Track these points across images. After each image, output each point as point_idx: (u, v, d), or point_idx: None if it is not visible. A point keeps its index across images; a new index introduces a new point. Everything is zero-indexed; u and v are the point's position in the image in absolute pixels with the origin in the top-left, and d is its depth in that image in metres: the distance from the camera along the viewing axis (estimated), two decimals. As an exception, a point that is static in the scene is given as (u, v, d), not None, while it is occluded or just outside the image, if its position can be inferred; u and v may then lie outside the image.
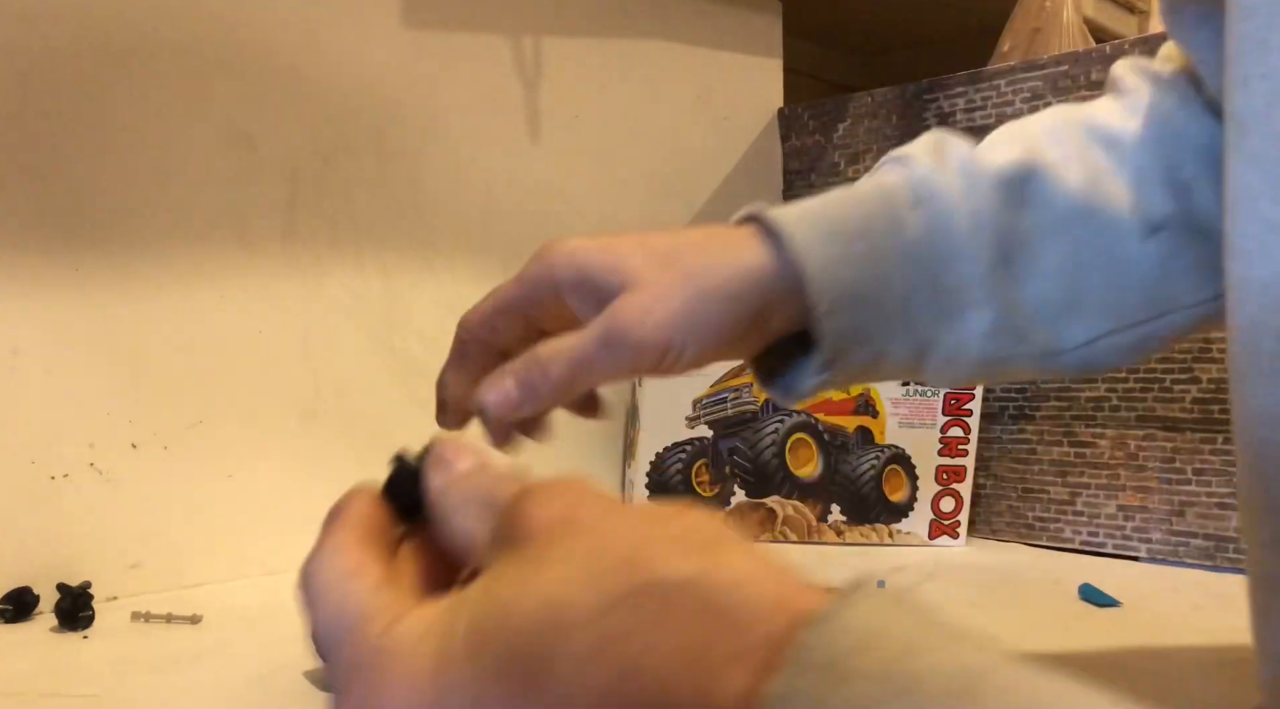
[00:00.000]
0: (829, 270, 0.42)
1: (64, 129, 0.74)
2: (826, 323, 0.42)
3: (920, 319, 0.44)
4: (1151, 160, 0.47)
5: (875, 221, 0.43)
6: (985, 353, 0.46)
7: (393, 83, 0.91)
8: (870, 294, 0.43)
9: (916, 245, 0.44)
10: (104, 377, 0.76)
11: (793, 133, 1.20)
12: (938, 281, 0.44)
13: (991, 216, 0.45)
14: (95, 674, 0.59)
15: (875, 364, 0.45)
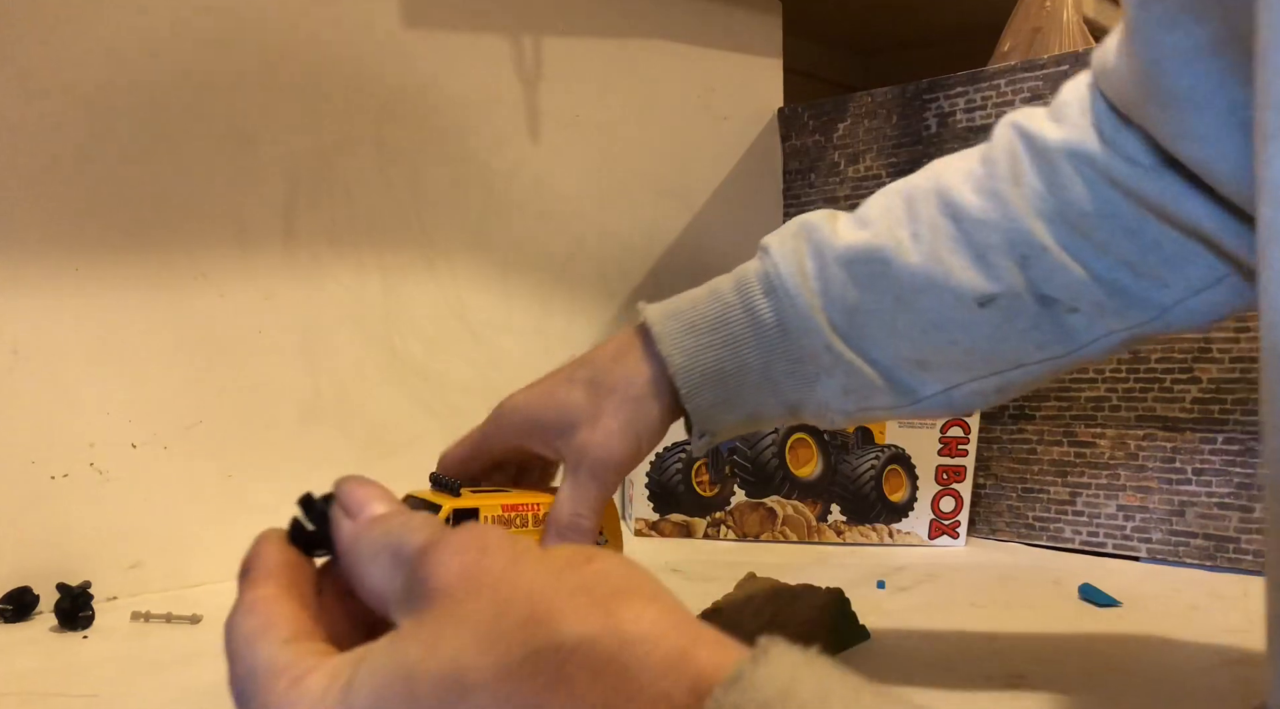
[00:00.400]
0: (691, 358, 0.53)
1: (64, 130, 0.74)
2: (690, 401, 0.53)
3: (783, 384, 0.54)
4: (992, 237, 0.52)
5: (732, 311, 0.54)
6: (846, 407, 0.54)
7: (393, 83, 0.91)
8: (731, 370, 0.53)
9: (769, 327, 0.53)
10: (104, 376, 0.76)
11: (793, 132, 1.20)
12: (791, 354, 0.53)
13: (839, 294, 0.53)
14: (95, 674, 0.59)
15: (754, 419, 0.56)
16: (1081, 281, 0.51)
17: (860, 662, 0.61)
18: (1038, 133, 0.53)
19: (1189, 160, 0.47)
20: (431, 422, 0.93)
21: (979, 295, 0.51)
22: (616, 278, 1.09)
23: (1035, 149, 0.53)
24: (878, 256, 0.53)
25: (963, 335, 0.52)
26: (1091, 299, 0.51)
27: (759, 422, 0.56)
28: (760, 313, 0.53)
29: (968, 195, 0.53)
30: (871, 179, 1.13)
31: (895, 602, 0.76)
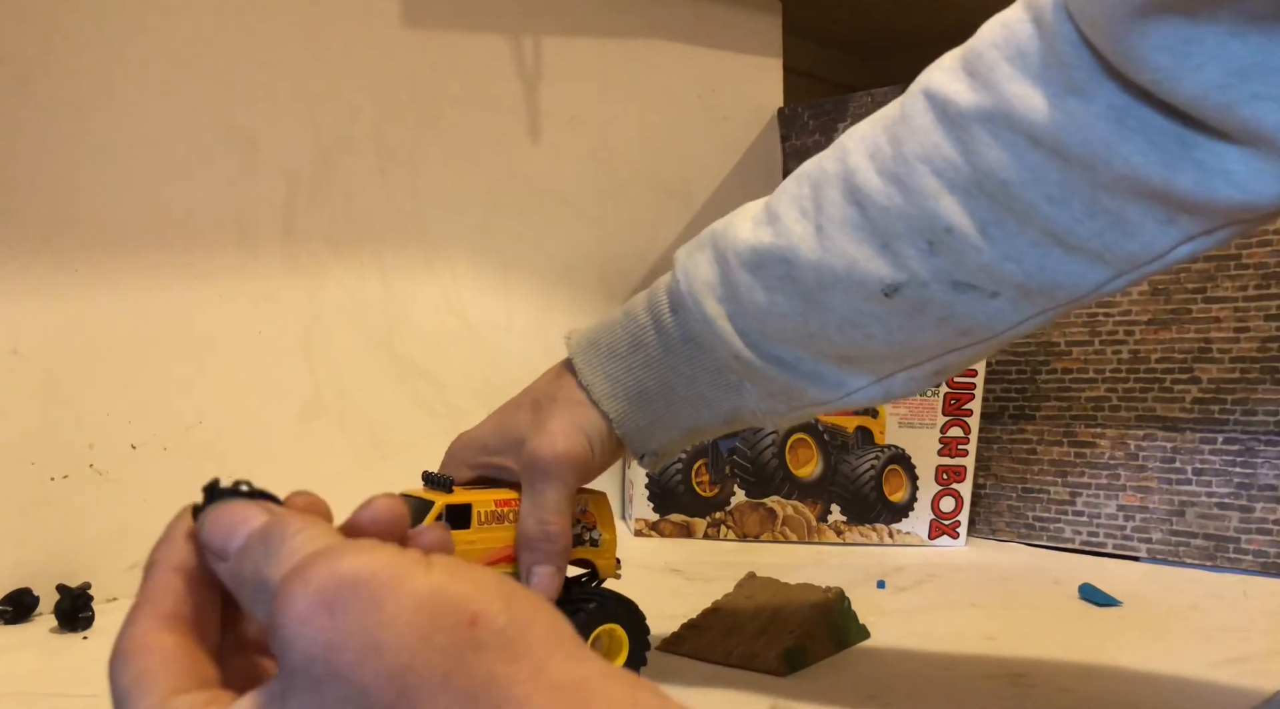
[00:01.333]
0: (614, 383, 0.54)
1: (64, 131, 0.74)
2: (621, 426, 0.54)
3: (710, 396, 0.54)
4: (896, 224, 0.49)
5: (645, 334, 0.55)
6: (778, 408, 0.54)
7: (393, 83, 0.91)
8: (655, 390, 0.54)
9: (682, 343, 0.53)
10: (103, 377, 0.76)
11: (793, 132, 1.20)
12: (709, 366, 0.53)
13: (747, 299, 0.52)
14: (95, 675, 0.59)
15: (694, 433, 0.56)
16: (998, 264, 0.47)
17: (860, 662, 0.61)
18: (950, 97, 0.48)
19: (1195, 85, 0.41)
20: (431, 422, 0.93)
21: (884, 285, 0.49)
22: (616, 278, 1.09)
23: (949, 116, 0.48)
24: (780, 257, 0.51)
25: (878, 329, 0.50)
26: (1013, 282, 0.47)
27: (701, 434, 0.56)
28: (669, 331, 0.54)
29: (872, 178, 0.51)
30: (871, 179, 1.13)
31: (895, 602, 0.76)
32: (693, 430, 0.56)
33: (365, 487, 0.89)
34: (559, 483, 0.52)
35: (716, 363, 0.53)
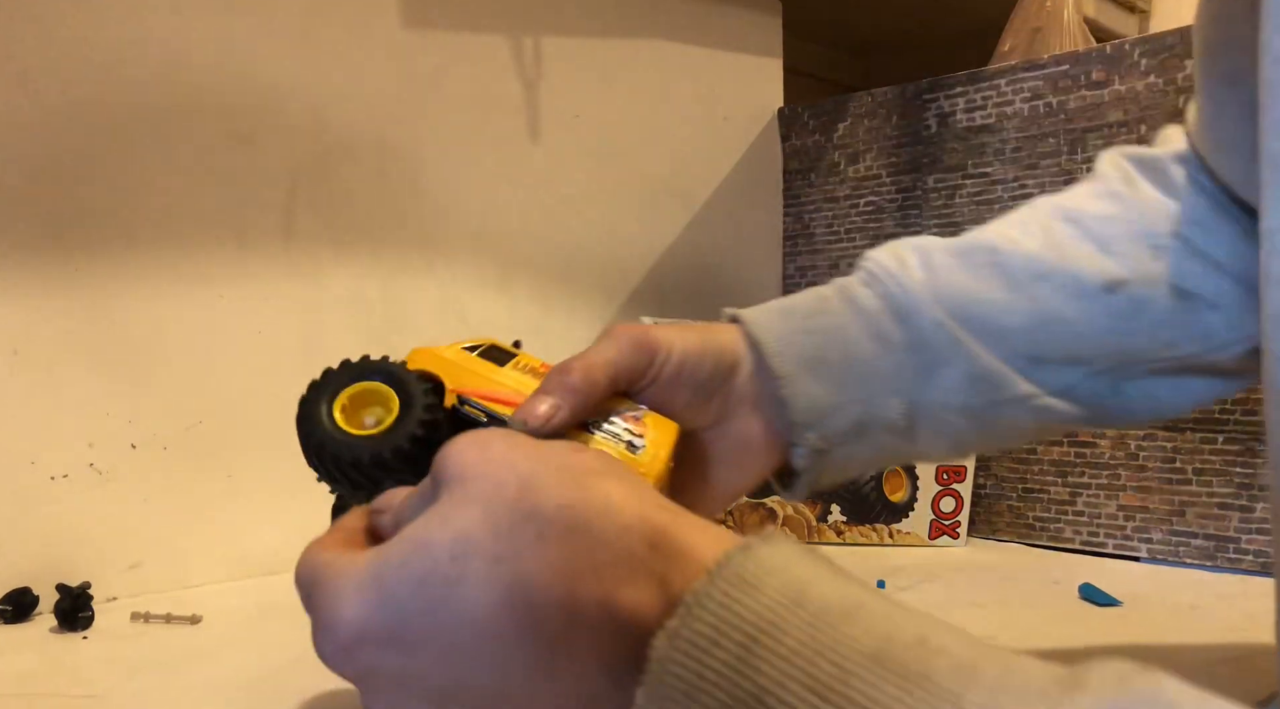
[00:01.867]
0: (784, 340, 0.47)
1: (65, 132, 0.74)
2: (788, 387, 0.46)
3: (895, 379, 0.48)
4: (1116, 229, 0.49)
5: (829, 302, 0.49)
6: (970, 403, 0.48)
7: (393, 83, 0.91)
8: (833, 358, 0.47)
9: (874, 313, 0.48)
10: (103, 377, 0.76)
11: (793, 132, 1.20)
12: (900, 342, 0.48)
13: (947, 280, 0.49)
14: (95, 675, 0.59)
15: (863, 426, 0.48)
16: (1220, 277, 0.46)
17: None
18: (1142, 151, 0.52)
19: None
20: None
21: (1107, 281, 0.47)
22: (616, 278, 1.09)
23: (1144, 162, 0.51)
24: (986, 246, 0.49)
25: (1086, 328, 0.47)
26: (1234, 297, 0.46)
27: (870, 432, 0.48)
28: (861, 300, 0.48)
29: (1083, 201, 0.50)
30: (871, 179, 1.13)
31: (895, 602, 0.76)
32: (863, 421, 0.48)
33: (365, 486, 0.87)
34: (612, 345, 0.44)
35: (910, 337, 0.48)
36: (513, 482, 0.29)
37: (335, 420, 0.41)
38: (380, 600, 0.28)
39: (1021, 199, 1.02)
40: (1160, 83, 0.92)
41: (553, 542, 0.27)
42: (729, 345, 0.47)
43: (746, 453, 0.48)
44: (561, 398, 0.41)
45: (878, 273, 0.49)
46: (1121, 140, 0.94)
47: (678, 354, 0.45)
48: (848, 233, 1.15)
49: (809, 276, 1.20)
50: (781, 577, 0.25)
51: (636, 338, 0.44)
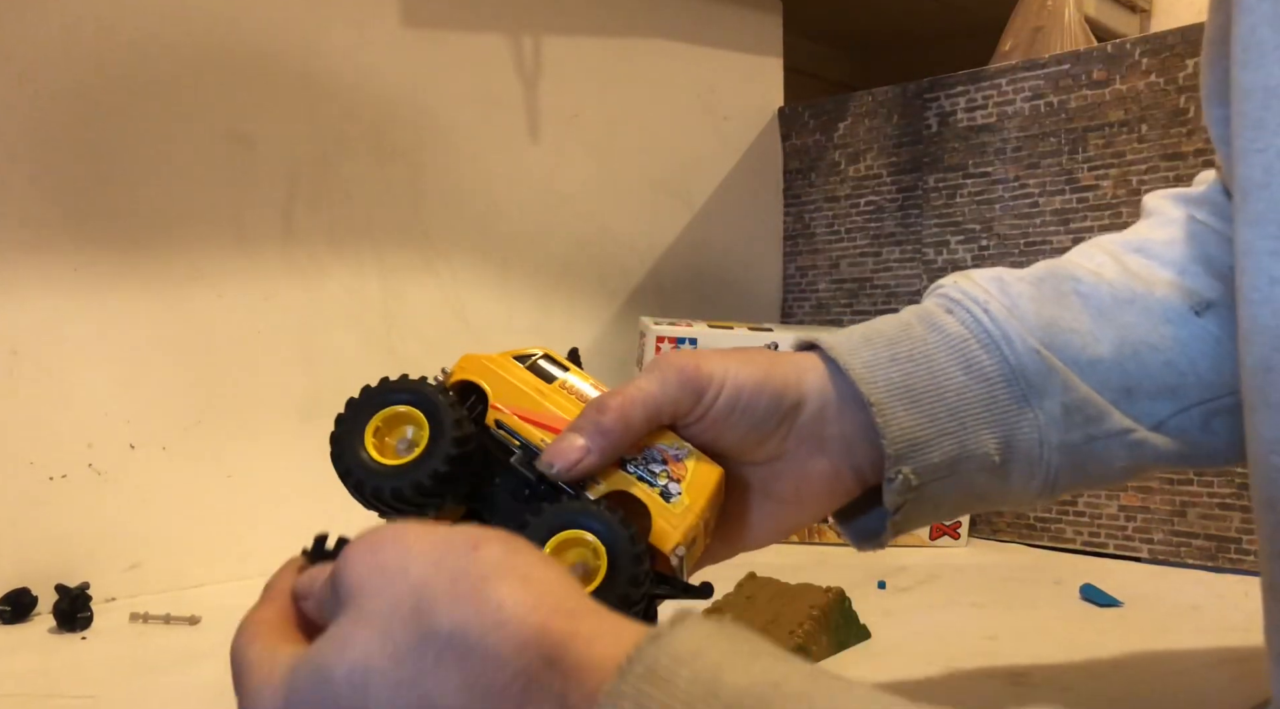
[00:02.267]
0: (871, 366, 0.43)
1: (65, 131, 0.74)
2: (881, 415, 0.42)
3: (987, 411, 0.44)
4: (1187, 252, 0.47)
5: (912, 329, 0.45)
6: (1067, 439, 0.45)
7: (393, 83, 0.91)
8: (923, 388, 0.44)
9: (960, 340, 0.45)
10: (102, 377, 0.76)
11: (793, 132, 1.20)
12: (991, 372, 0.45)
13: (1030, 309, 0.46)
14: (94, 675, 0.59)
15: (957, 463, 0.44)
16: None
17: (860, 662, 0.61)
18: (1184, 190, 0.51)
19: None
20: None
21: (1194, 302, 0.45)
22: (616, 278, 1.09)
23: (1189, 198, 0.51)
24: (1065, 274, 0.47)
25: (1177, 354, 0.45)
26: None
27: (963, 469, 0.44)
28: (947, 327, 0.45)
29: (1144, 232, 0.49)
30: (872, 178, 1.12)
31: (896, 602, 0.76)
32: (957, 458, 0.44)
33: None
34: (656, 379, 0.41)
35: (1001, 368, 0.45)
36: (406, 598, 0.28)
37: (368, 452, 0.40)
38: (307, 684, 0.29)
39: (1022, 198, 1.02)
40: (1161, 82, 0.92)
41: (450, 665, 0.27)
42: (792, 380, 0.43)
43: (803, 494, 0.44)
44: (592, 440, 0.39)
45: (960, 299, 0.46)
46: (1122, 140, 0.94)
47: (730, 390, 0.42)
48: (848, 232, 1.15)
49: (809, 276, 1.20)
50: (693, 666, 0.24)
51: (684, 371, 0.41)
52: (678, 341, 0.92)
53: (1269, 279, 0.37)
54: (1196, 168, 0.90)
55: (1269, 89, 0.37)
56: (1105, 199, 0.95)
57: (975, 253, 1.04)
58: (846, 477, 0.45)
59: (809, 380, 0.44)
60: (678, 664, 0.24)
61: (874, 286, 1.13)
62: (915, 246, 1.09)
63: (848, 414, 0.44)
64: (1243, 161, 0.38)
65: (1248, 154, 0.38)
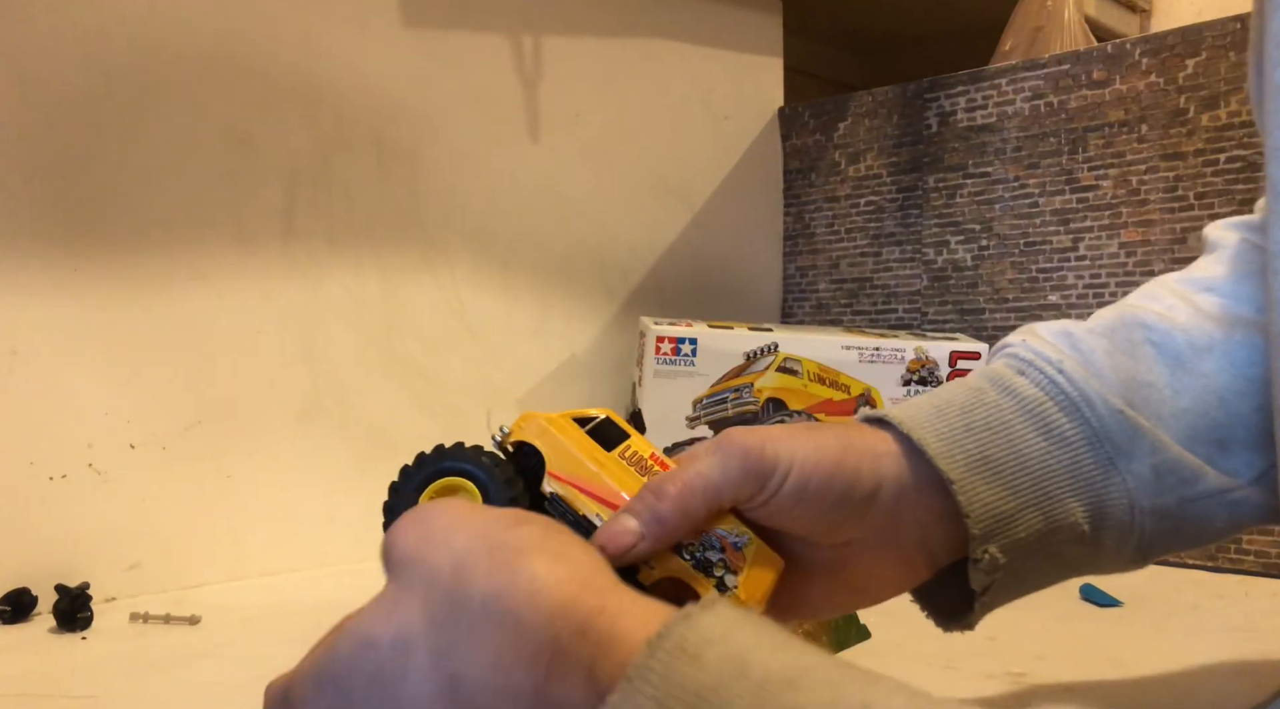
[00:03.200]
0: (948, 440, 0.41)
1: (64, 131, 0.74)
2: (963, 493, 0.40)
3: (1072, 479, 0.42)
4: (1256, 288, 0.44)
5: (985, 394, 0.43)
6: (1160, 503, 0.43)
7: (393, 83, 0.91)
8: (1003, 458, 0.41)
9: (1036, 404, 0.42)
10: (102, 377, 0.76)
11: (793, 132, 1.20)
12: (1075, 435, 0.42)
13: (1105, 364, 0.43)
14: (94, 675, 0.59)
15: (1046, 536, 0.42)
16: None
17: (860, 662, 0.61)
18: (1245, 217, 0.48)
19: None
20: (430, 422, 0.93)
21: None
22: (616, 278, 1.09)
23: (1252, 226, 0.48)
24: (1135, 321, 0.44)
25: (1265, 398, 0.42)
26: None
27: (1051, 542, 0.42)
28: (1021, 390, 0.43)
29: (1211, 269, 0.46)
30: (872, 178, 1.12)
31: (896, 601, 0.76)
32: (1045, 531, 0.41)
33: (364, 487, 0.90)
34: (717, 464, 0.38)
35: (1083, 431, 0.42)
36: (447, 567, 0.29)
37: None
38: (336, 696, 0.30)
39: (1022, 198, 1.02)
40: (1161, 82, 0.92)
41: (483, 634, 0.28)
42: (866, 468, 0.40)
43: (871, 581, 0.42)
44: (647, 527, 0.37)
45: (1032, 360, 0.43)
46: (1122, 140, 0.94)
47: (797, 477, 0.39)
48: (848, 232, 1.15)
49: (809, 276, 1.20)
50: (722, 647, 0.25)
51: (748, 456, 0.38)
52: (678, 341, 0.91)
53: None
54: (1196, 168, 0.90)
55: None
56: (1105, 199, 0.95)
57: (975, 253, 1.04)
58: (918, 562, 0.42)
59: (885, 466, 0.41)
60: (707, 643, 0.25)
61: (874, 287, 1.13)
62: (915, 246, 1.09)
63: (924, 499, 0.41)
64: (1274, 161, 0.37)
65: (1278, 153, 0.37)
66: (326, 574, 0.83)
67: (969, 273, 1.05)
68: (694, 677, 0.24)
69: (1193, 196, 0.91)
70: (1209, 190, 0.90)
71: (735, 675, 0.24)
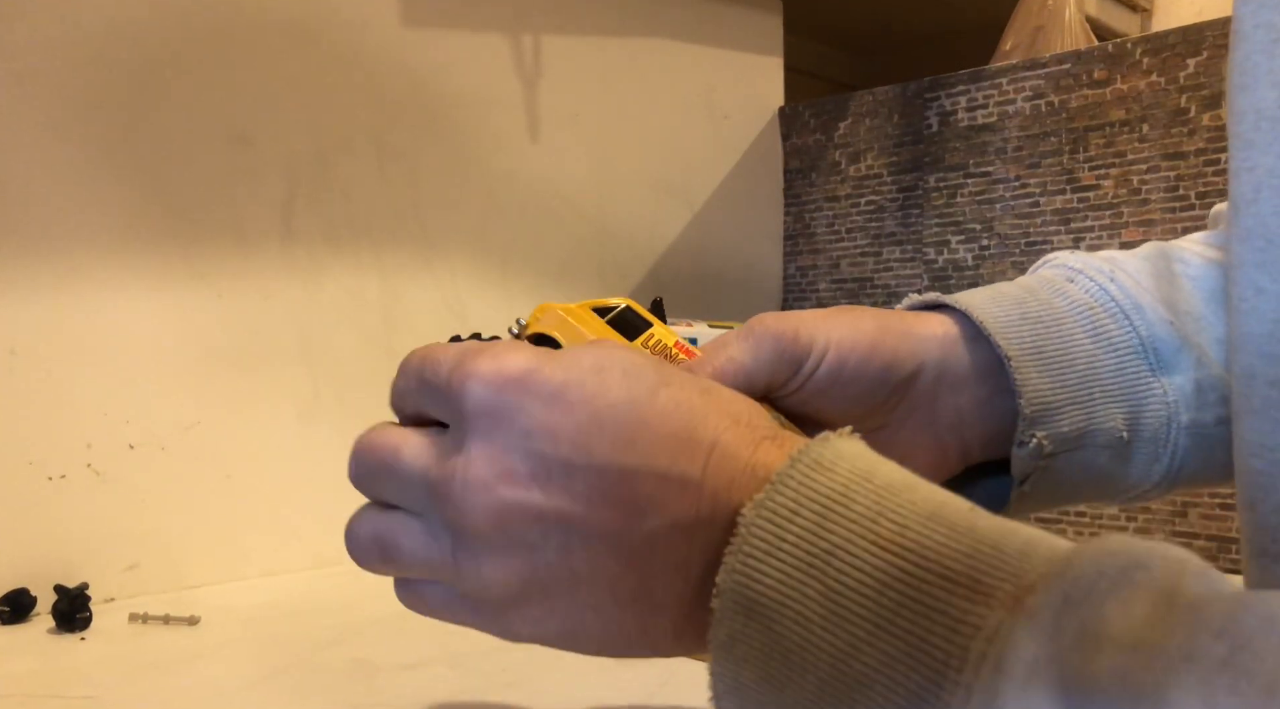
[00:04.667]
0: (1005, 323, 0.41)
1: (63, 130, 0.74)
2: (1020, 373, 0.40)
3: (1115, 383, 0.42)
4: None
5: (1038, 291, 0.43)
6: (1199, 418, 0.42)
7: (393, 83, 0.91)
8: (1054, 351, 0.41)
9: (1087, 307, 0.43)
10: (101, 377, 0.75)
11: (793, 131, 1.20)
12: (1124, 342, 0.42)
13: (1152, 285, 0.44)
14: (93, 676, 0.59)
15: (1083, 438, 0.41)
16: None
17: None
18: None
19: None
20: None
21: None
22: (616, 278, 1.09)
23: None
24: (1173, 255, 0.44)
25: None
26: None
27: (1089, 443, 0.42)
28: (1071, 294, 0.43)
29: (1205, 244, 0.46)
30: (873, 178, 1.12)
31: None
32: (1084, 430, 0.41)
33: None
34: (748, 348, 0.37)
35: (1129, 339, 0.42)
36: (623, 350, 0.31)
37: None
38: (562, 364, 0.30)
39: (1023, 198, 1.02)
40: (1162, 82, 0.92)
41: (675, 387, 0.30)
42: (906, 349, 0.40)
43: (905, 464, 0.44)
44: None
45: (1082, 269, 0.44)
46: (1123, 140, 0.94)
47: (833, 359, 0.38)
48: (849, 232, 1.15)
49: (809, 276, 1.19)
50: (851, 462, 0.28)
51: (781, 339, 0.37)
52: (678, 341, 0.91)
53: (1255, 289, 0.38)
54: (1198, 167, 0.90)
55: (1259, 111, 0.37)
56: (1106, 199, 0.95)
57: (976, 252, 1.04)
58: (951, 452, 0.42)
59: (927, 348, 0.40)
60: (839, 458, 0.28)
61: (874, 286, 1.13)
62: (916, 246, 1.09)
63: (967, 387, 0.41)
64: (1236, 180, 0.39)
65: (1239, 173, 0.39)
66: (326, 574, 0.83)
67: (970, 273, 1.04)
68: (826, 484, 0.27)
69: (1194, 196, 0.91)
70: (1210, 190, 0.90)
71: (861, 482, 0.27)
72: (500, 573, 0.29)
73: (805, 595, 0.26)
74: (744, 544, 0.27)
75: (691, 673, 0.58)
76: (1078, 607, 0.22)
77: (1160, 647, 0.21)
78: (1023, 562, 0.24)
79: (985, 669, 0.23)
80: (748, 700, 0.28)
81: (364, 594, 0.75)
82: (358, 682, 0.56)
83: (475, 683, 0.55)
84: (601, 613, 0.30)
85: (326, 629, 0.66)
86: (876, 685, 0.24)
